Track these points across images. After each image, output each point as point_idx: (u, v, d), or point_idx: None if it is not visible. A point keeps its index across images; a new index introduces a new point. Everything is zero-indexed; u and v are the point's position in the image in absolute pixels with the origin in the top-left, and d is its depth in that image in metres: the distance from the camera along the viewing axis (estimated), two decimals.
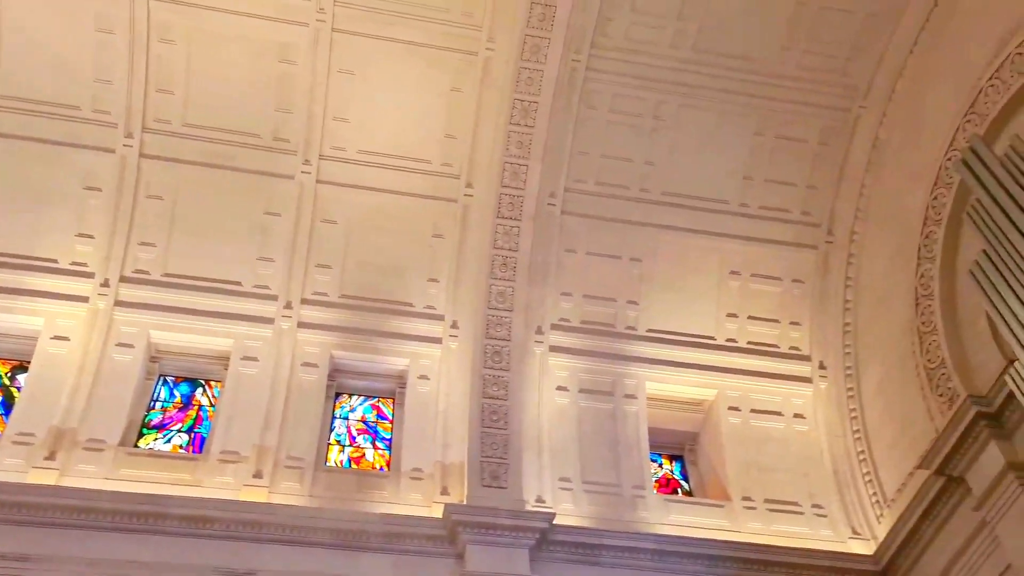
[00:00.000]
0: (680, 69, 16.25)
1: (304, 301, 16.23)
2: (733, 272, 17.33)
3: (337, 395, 16.35)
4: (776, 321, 17.41)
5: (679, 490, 17.10)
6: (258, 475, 14.30)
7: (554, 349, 16.59)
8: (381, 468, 15.62)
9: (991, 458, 12.54)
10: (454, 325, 16.41)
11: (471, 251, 16.65)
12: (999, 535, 12.44)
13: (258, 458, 14.49)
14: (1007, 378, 11.73)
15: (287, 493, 14.29)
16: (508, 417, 15.47)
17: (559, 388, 16.46)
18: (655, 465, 17.29)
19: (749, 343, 17.28)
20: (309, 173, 16.52)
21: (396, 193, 16.77)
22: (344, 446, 15.84)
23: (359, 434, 16.09)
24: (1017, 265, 11.60)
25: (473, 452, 15.05)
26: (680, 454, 17.76)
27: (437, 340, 16.39)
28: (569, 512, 15.13)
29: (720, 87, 16.39)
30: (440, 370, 16.18)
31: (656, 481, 16.86)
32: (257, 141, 16.53)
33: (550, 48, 15.88)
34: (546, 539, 14.33)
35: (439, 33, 16.19)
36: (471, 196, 16.74)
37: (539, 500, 15.11)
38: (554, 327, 16.70)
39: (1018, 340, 11.49)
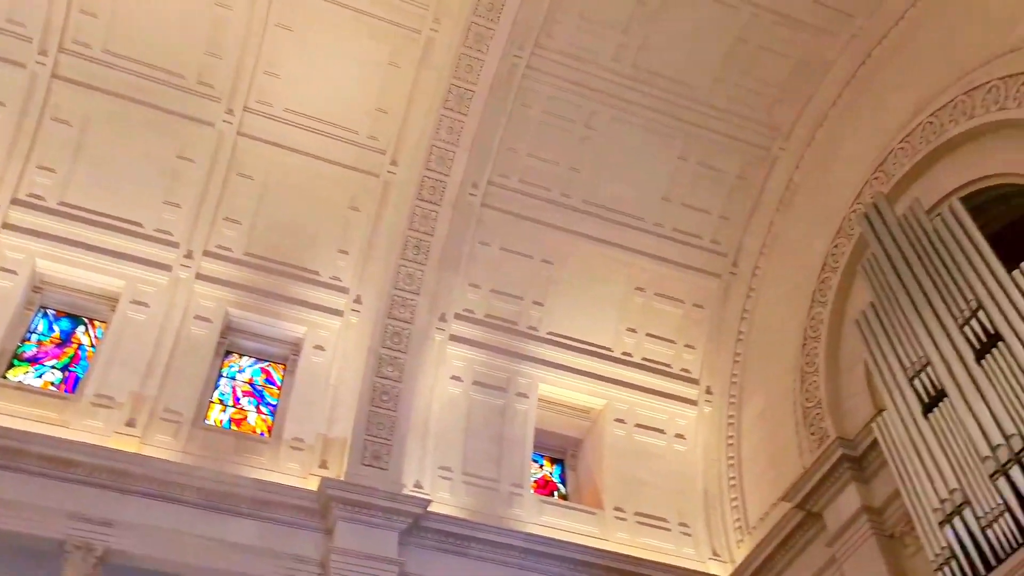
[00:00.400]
0: (617, 83, 16.48)
1: (206, 253, 15.80)
2: (639, 288, 17.68)
3: (227, 353, 16.00)
4: (672, 342, 17.86)
5: (556, 493, 17.37)
6: (131, 424, 13.89)
7: (454, 338, 16.62)
8: (262, 433, 15.36)
9: (849, 499, 13.19)
10: (358, 300, 16.26)
11: (386, 229, 16.51)
12: (845, 572, 13.09)
13: (133, 406, 14.07)
14: (874, 426, 12.38)
15: (159, 446, 13.92)
16: (399, 399, 15.45)
17: (454, 378, 16.50)
18: (536, 466, 17.52)
19: (644, 359, 17.67)
20: (231, 123, 16.08)
21: (318, 159, 16.48)
22: (227, 406, 15.51)
23: (244, 396, 15.78)
24: (899, 322, 12.26)
25: (358, 429, 14.97)
26: (562, 458, 18.04)
27: (338, 313, 16.21)
28: (445, 501, 15.21)
29: (652, 107, 16.69)
30: (337, 343, 16.01)
31: (535, 481, 17.10)
32: (180, 82, 15.97)
33: (494, 40, 15.88)
34: (418, 525, 14.38)
35: (385, 5, 15.97)
36: (393, 174, 16.60)
37: (417, 486, 15.14)
38: (458, 316, 16.73)
39: (889, 392, 12.16)
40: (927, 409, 11.49)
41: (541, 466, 17.73)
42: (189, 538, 13.11)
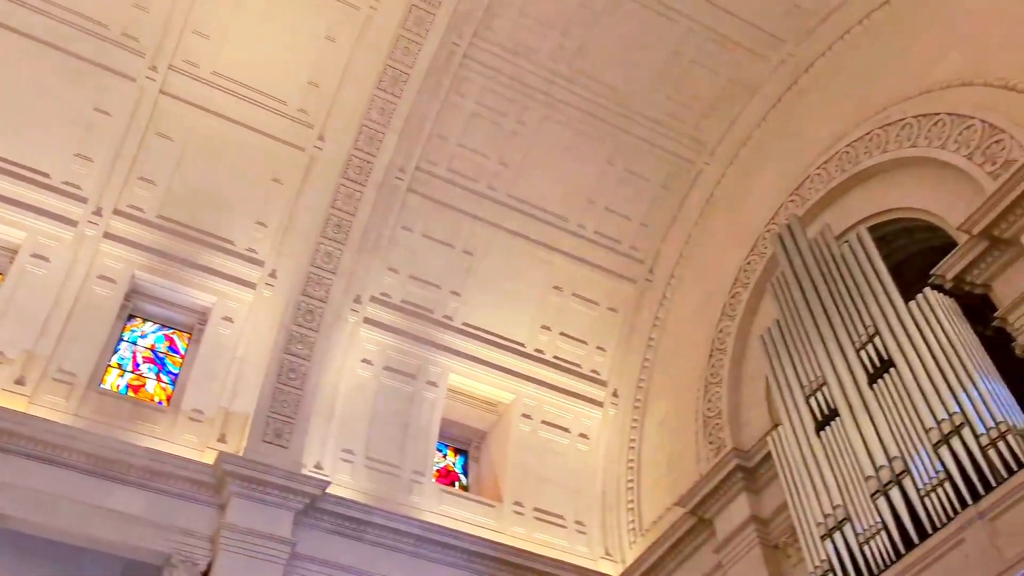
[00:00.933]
0: (552, 82, 16.57)
1: (117, 212, 15.24)
2: (556, 287, 17.85)
3: (130, 317, 15.50)
4: (584, 342, 18.08)
5: (457, 484, 17.42)
6: (20, 382, 13.33)
7: (368, 321, 16.48)
8: (160, 402, 14.94)
9: (739, 508, 13.60)
10: (272, 274, 15.94)
11: (307, 205, 16.22)
12: None
13: (25, 364, 13.50)
14: (769, 439, 12.79)
15: (50, 407, 13.40)
16: (306, 378, 15.24)
17: (364, 361, 16.36)
18: (440, 455, 17.53)
19: (555, 357, 17.85)
20: (154, 80, 15.53)
21: (243, 126, 16.07)
22: (125, 371, 15.02)
23: (144, 362, 15.31)
24: (801, 341, 12.68)
25: (262, 405, 14.71)
26: (466, 449, 18.10)
27: (251, 285, 15.87)
28: (345, 484, 15.10)
29: (585, 109, 16.84)
30: (247, 316, 15.68)
31: (437, 471, 17.11)
32: (103, 31, 15.32)
33: (434, 25, 15.77)
34: (315, 506, 14.23)
35: None
36: (320, 149, 16.32)
37: (317, 466, 14.97)
38: (373, 299, 16.59)
39: (785, 408, 12.59)
40: (820, 427, 11.91)
41: (444, 456, 17.75)
42: (72, 504, 12.70)
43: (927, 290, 11.21)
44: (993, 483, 9.37)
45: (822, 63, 15.79)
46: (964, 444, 9.88)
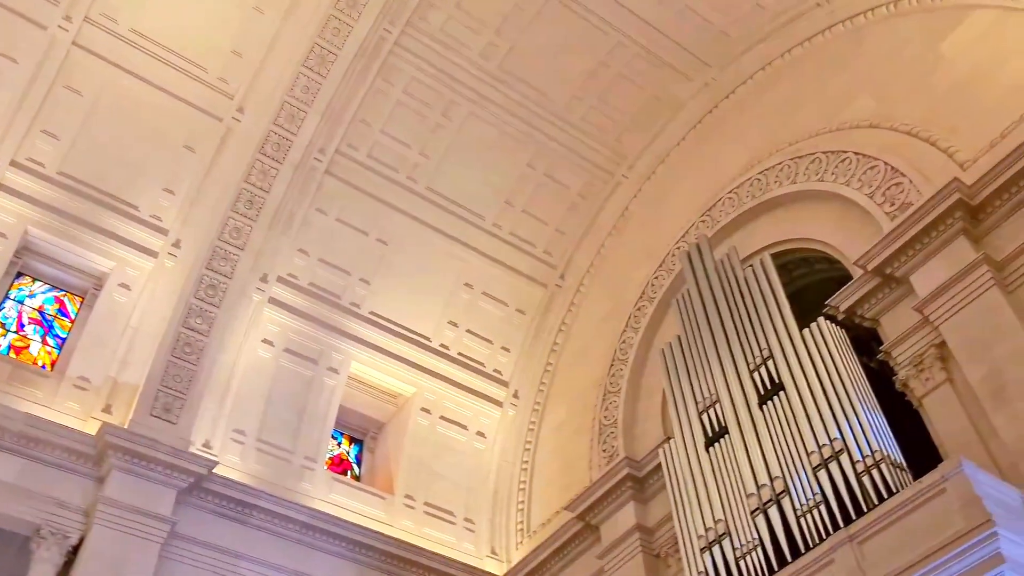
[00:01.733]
0: (480, 79, 16.57)
1: (14, 164, 14.50)
2: (467, 284, 17.86)
3: (19, 275, 14.78)
4: (490, 342, 18.16)
5: (349, 473, 17.25)
6: None
7: (273, 302, 16.16)
8: (44, 366, 14.30)
9: (625, 516, 13.89)
10: (176, 244, 15.45)
11: (219, 176, 15.78)
12: None
13: None
14: (660, 451, 13.07)
15: None
16: (203, 353, 14.85)
17: (265, 341, 16.04)
18: (334, 443, 17.33)
19: (460, 354, 17.87)
20: (67, 31, 14.82)
21: (159, 89, 15.51)
22: (8, 331, 14.32)
23: (30, 323, 14.62)
24: (699, 358, 13.01)
25: (153, 378, 14.27)
26: (362, 439, 17.94)
27: (153, 254, 15.35)
28: (233, 465, 14.78)
29: (510, 110, 16.90)
30: (146, 284, 15.16)
31: (330, 458, 16.90)
32: None
33: (366, 8, 15.57)
34: (200, 486, 13.88)
35: None
36: (239, 121, 15.89)
37: (206, 445, 14.60)
38: (280, 280, 16.27)
39: (679, 422, 12.89)
40: (709, 443, 12.23)
41: (339, 443, 17.56)
42: None
43: (821, 319, 11.66)
44: (865, 508, 9.77)
45: (743, 90, 16.27)
46: (841, 469, 10.28)
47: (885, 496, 9.66)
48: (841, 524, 9.86)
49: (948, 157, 11.61)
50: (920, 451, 10.59)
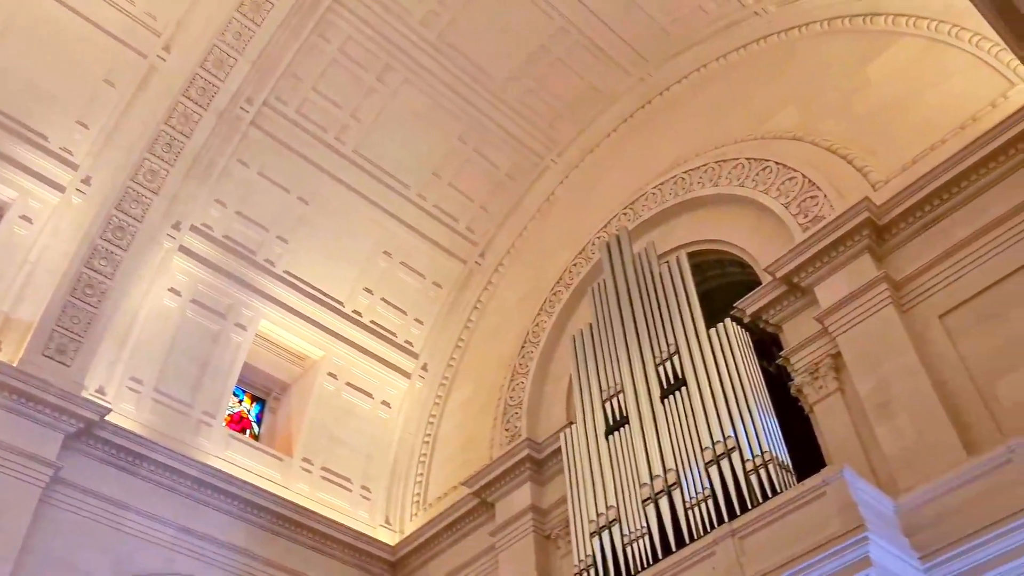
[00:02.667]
0: (419, 47, 16.32)
1: None
2: (386, 252, 17.71)
3: None
4: (404, 312, 18.08)
5: (248, 431, 16.99)
6: None
7: (184, 250, 15.72)
8: None
9: (521, 496, 14.09)
10: (86, 181, 14.85)
11: (138, 116, 15.17)
12: (500, 562, 13.96)
13: None
14: (562, 435, 13.27)
15: None
16: (104, 297, 14.36)
17: (172, 290, 15.62)
18: (235, 400, 17.05)
19: (372, 322, 17.75)
20: None
21: (81, 16, 14.71)
22: None
23: None
24: (608, 348, 13.24)
25: (48, 317, 13.75)
26: (264, 398, 17.70)
27: (60, 188, 14.73)
28: (127, 414, 14.41)
29: (446, 82, 16.73)
30: (50, 220, 14.55)
31: (229, 415, 16.63)
32: None
33: None
34: (90, 432, 13.49)
35: None
36: (163, 60, 15.29)
37: (99, 391, 14.18)
38: (194, 229, 15.83)
39: (582, 408, 13.11)
40: (609, 431, 12.47)
41: (240, 401, 17.28)
42: None
43: (727, 321, 12.00)
44: (750, 506, 10.14)
45: (677, 89, 16.48)
46: (732, 467, 10.63)
47: (770, 495, 10.03)
48: (726, 519, 10.18)
49: (862, 176, 12.05)
50: (807, 455, 11.03)
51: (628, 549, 11.21)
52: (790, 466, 10.60)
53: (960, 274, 10.43)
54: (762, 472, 10.36)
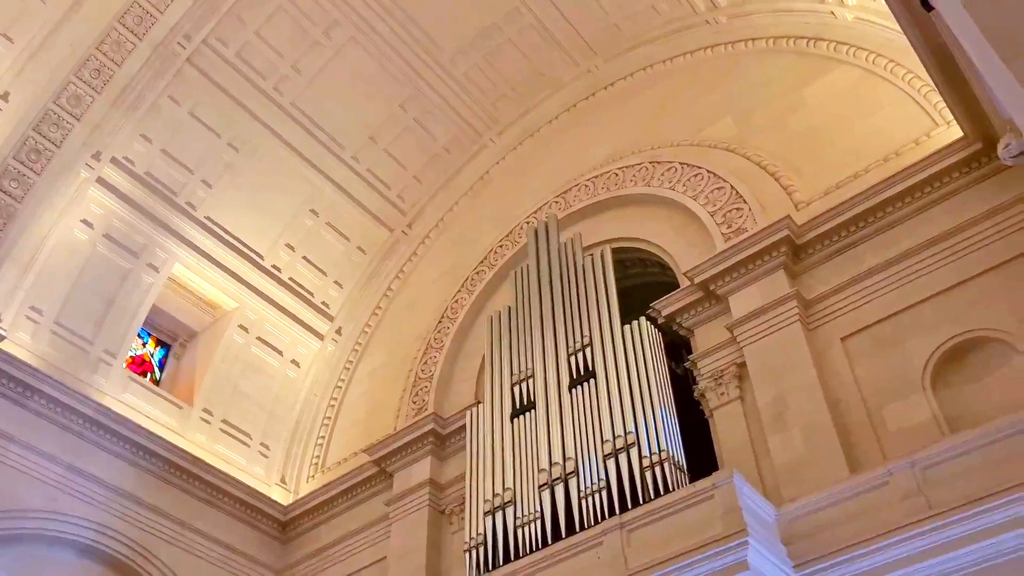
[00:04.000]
0: (370, 7, 15.94)
1: None
2: (313, 211, 17.43)
3: None
4: (324, 274, 17.85)
5: (149, 375, 16.59)
6: None
7: (102, 183, 15.16)
8: None
9: (420, 469, 14.14)
10: (4, 96, 14.18)
11: (68, 36, 14.47)
12: (392, 532, 14.00)
13: None
14: (468, 413, 13.36)
15: None
16: (12, 220, 13.88)
17: (84, 222, 15.08)
18: (139, 342, 16.62)
19: (290, 279, 17.48)
20: None
21: None
22: None
23: None
24: (523, 333, 13.35)
25: None
26: (170, 344, 17.29)
27: None
28: (22, 344, 13.94)
29: (394, 47, 16.45)
30: None
31: (131, 357, 16.21)
32: None
33: None
34: None
35: None
36: None
37: None
38: (115, 162, 15.27)
39: (491, 389, 13.22)
40: (515, 414, 12.62)
41: (144, 344, 16.85)
42: None
43: (642, 319, 12.25)
44: (641, 501, 10.40)
45: (622, 85, 16.60)
46: (629, 462, 10.88)
47: (662, 493, 10.31)
48: (618, 511, 10.42)
49: (787, 195, 12.41)
50: (703, 458, 11.37)
51: (520, 531, 11.38)
52: (684, 467, 10.90)
53: (865, 300, 10.86)
54: (657, 470, 10.64)
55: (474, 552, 11.69)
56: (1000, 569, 7.13)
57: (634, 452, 10.93)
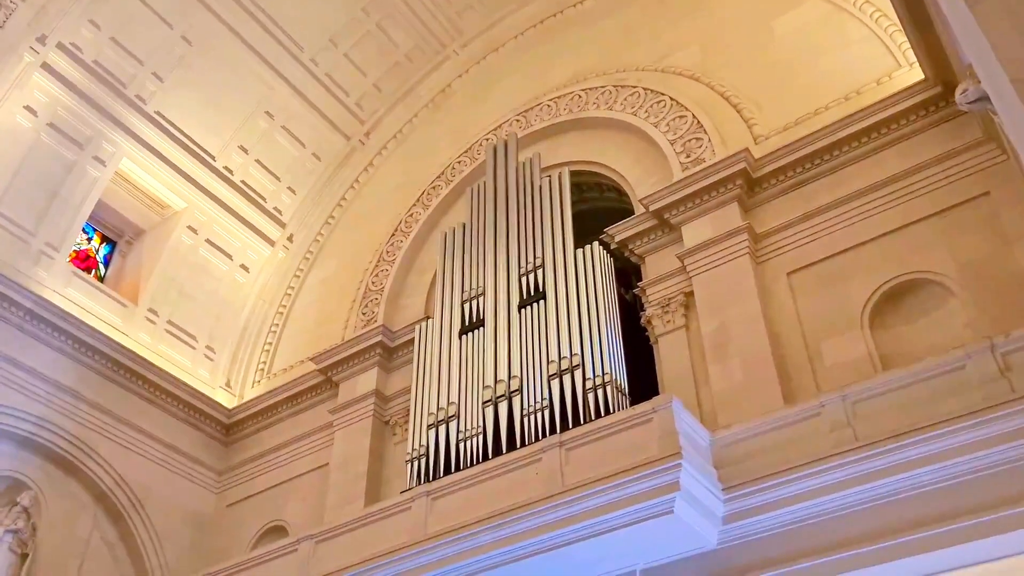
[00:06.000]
0: None
1: None
2: (268, 113, 17.00)
3: None
4: (278, 178, 17.53)
5: (93, 272, 16.28)
6: None
7: (47, 68, 14.57)
8: None
9: (366, 380, 14.23)
10: None
11: None
12: (335, 440, 14.08)
13: None
14: (417, 328, 13.40)
15: None
16: None
17: (28, 108, 14.54)
18: (84, 237, 16.26)
19: (242, 181, 17.15)
20: None
21: None
22: None
23: None
24: (476, 251, 13.30)
25: None
26: (116, 241, 16.95)
27: None
28: None
29: None
30: None
31: (75, 252, 15.88)
32: None
33: None
34: None
35: None
36: None
37: None
38: (61, 47, 14.65)
39: (441, 305, 13.24)
40: (464, 331, 12.69)
41: (89, 239, 16.49)
42: None
43: (595, 244, 12.27)
44: (582, 421, 10.62)
45: (590, 4, 16.25)
46: (572, 383, 11.05)
47: (603, 415, 10.52)
48: (558, 431, 10.64)
49: (747, 127, 12.40)
50: (646, 383, 11.59)
51: (462, 445, 11.58)
52: (627, 390, 11.12)
53: (814, 237, 11.01)
54: (600, 392, 10.82)
55: (416, 463, 11.88)
56: (916, 500, 7.48)
57: (578, 374, 11.08)
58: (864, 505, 7.73)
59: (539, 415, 11.08)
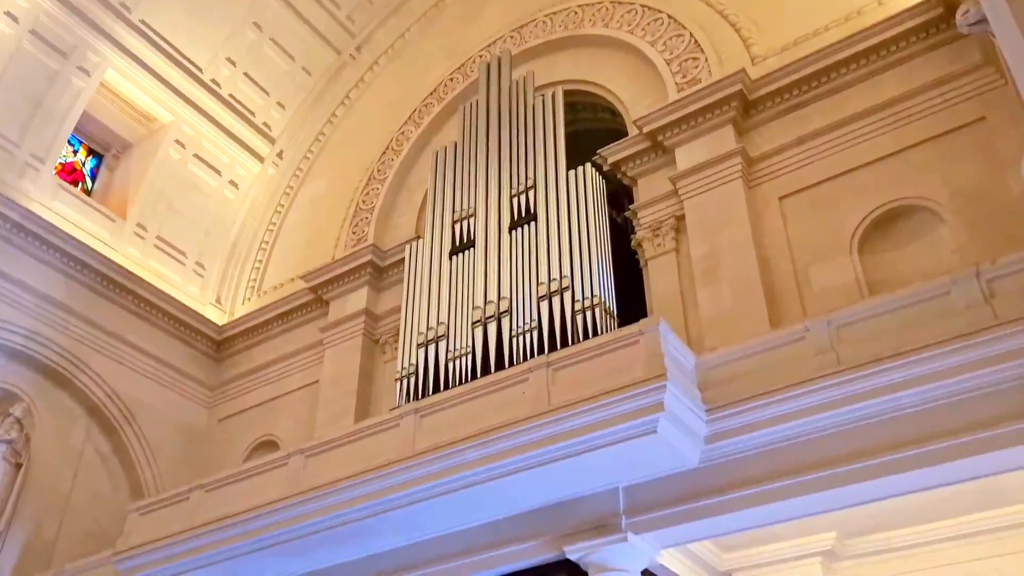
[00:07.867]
0: None
1: None
2: (256, 24, 16.58)
3: None
4: (267, 93, 17.21)
5: (80, 185, 16.10)
6: None
7: None
8: None
9: (357, 299, 14.26)
10: None
11: None
12: (326, 357, 14.21)
13: None
14: (407, 247, 13.33)
15: None
16: None
17: (8, 14, 14.21)
18: (70, 149, 16.03)
19: (230, 95, 16.84)
20: None
21: None
22: None
23: None
24: (468, 171, 13.14)
25: None
26: (103, 154, 16.72)
27: None
28: None
29: None
30: None
31: (61, 164, 15.67)
32: None
33: None
34: None
35: None
36: None
37: None
38: None
39: (432, 225, 13.13)
40: (455, 252, 12.62)
41: (76, 152, 16.26)
42: None
43: (588, 165, 12.13)
44: (571, 343, 10.68)
45: None
46: (562, 305, 11.07)
47: (591, 336, 10.58)
48: (547, 351, 10.71)
49: (745, 48, 12.14)
50: (635, 305, 11.62)
51: (450, 364, 11.65)
52: (615, 313, 11.16)
53: (807, 162, 10.92)
54: (588, 314, 10.85)
55: (405, 381, 11.97)
56: (897, 422, 7.59)
57: (568, 296, 11.09)
58: (845, 427, 7.83)
59: (528, 336, 11.13)
